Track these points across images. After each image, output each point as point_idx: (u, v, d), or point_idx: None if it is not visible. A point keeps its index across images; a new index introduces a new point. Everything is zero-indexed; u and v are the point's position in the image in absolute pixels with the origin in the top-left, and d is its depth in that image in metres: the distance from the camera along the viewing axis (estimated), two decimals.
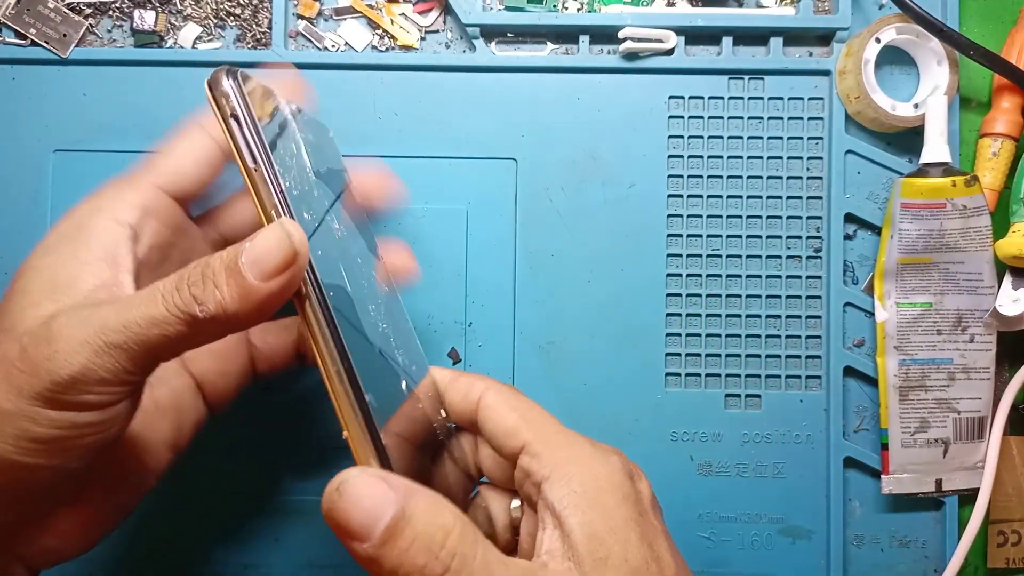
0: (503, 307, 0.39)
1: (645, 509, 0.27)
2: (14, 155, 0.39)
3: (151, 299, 0.24)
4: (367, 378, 0.26)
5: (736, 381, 0.39)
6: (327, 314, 0.25)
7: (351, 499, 0.23)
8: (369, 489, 0.24)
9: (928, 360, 0.39)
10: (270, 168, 0.26)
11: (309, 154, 0.30)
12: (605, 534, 0.26)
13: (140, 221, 0.28)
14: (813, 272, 0.40)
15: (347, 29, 0.40)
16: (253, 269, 0.24)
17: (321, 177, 0.30)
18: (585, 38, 0.40)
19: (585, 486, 0.26)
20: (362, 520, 0.23)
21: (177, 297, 0.24)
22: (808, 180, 0.40)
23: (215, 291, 0.24)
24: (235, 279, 0.24)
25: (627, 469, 0.28)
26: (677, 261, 0.40)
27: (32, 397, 0.23)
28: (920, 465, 0.39)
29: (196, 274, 0.24)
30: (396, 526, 0.23)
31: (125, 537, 0.39)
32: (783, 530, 0.39)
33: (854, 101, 0.39)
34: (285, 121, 0.29)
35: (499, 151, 0.40)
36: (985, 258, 0.38)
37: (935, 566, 0.39)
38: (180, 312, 0.24)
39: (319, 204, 0.29)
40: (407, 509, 0.23)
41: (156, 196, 0.29)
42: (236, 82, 0.26)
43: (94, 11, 0.40)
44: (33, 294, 0.26)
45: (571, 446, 0.28)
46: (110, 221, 0.28)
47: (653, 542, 0.27)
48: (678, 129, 0.40)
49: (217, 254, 0.25)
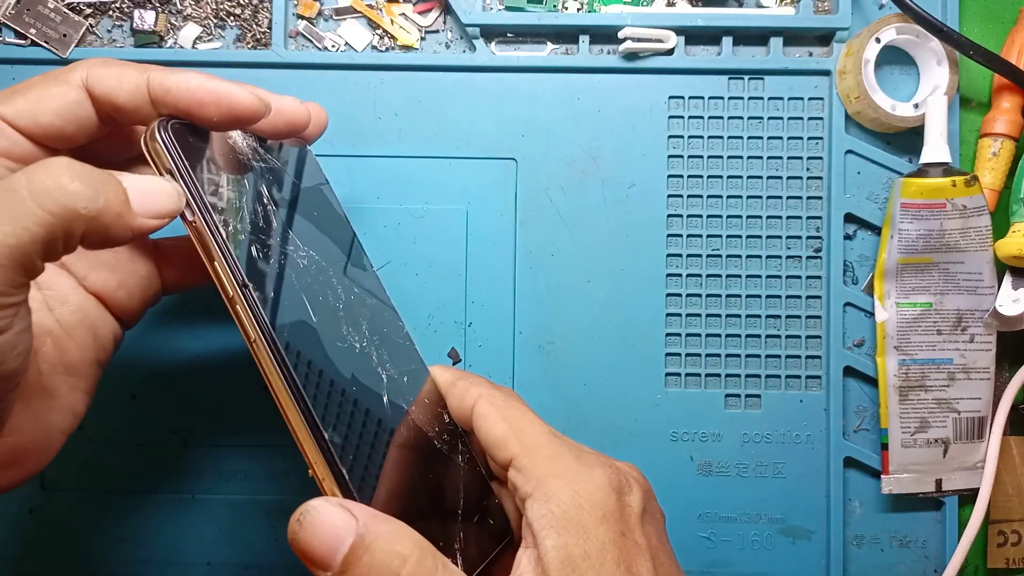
0: (503, 307, 0.39)
1: (629, 527, 0.27)
2: None
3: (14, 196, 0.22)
4: (329, 414, 0.27)
5: (736, 381, 0.39)
6: (280, 361, 0.27)
7: (311, 529, 0.24)
8: (329, 518, 0.25)
9: (928, 360, 0.39)
10: (208, 217, 0.27)
11: (275, 184, 0.30)
12: (579, 559, 0.25)
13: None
14: (813, 272, 0.40)
15: (347, 29, 0.40)
16: (137, 199, 0.24)
17: (286, 205, 0.30)
18: (585, 38, 0.40)
19: (564, 506, 0.26)
20: (322, 550, 0.24)
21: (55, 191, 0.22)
22: (808, 180, 0.40)
23: (99, 196, 0.23)
24: (117, 190, 0.24)
25: (614, 483, 0.27)
26: (677, 261, 0.40)
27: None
28: (920, 465, 0.39)
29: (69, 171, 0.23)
30: (354, 554, 0.24)
31: (125, 537, 0.39)
32: (783, 530, 0.39)
33: (854, 101, 0.39)
34: (240, 159, 0.29)
35: (499, 151, 0.40)
36: (985, 258, 0.38)
37: (935, 566, 0.39)
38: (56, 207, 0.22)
39: (278, 237, 0.29)
40: (366, 537, 0.24)
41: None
42: (169, 136, 0.27)
43: (94, 11, 0.40)
44: None
45: (555, 460, 0.27)
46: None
47: (632, 564, 0.26)
48: (678, 129, 0.40)
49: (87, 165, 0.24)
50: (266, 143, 0.31)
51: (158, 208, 0.25)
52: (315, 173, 0.33)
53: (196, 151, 0.28)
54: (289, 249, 0.29)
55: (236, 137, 0.30)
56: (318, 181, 0.33)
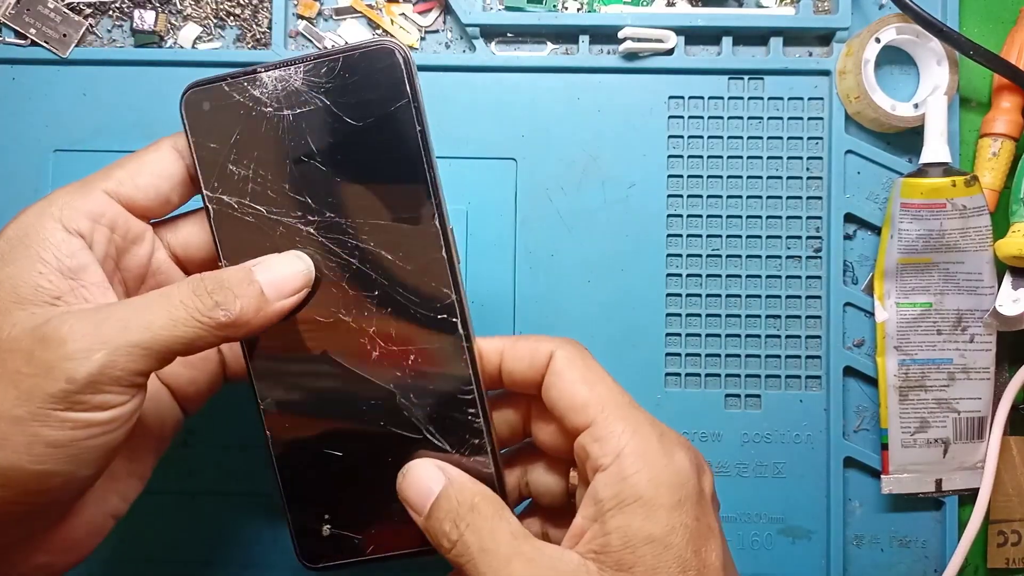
0: (503, 307, 0.39)
1: (705, 511, 0.27)
2: (14, 155, 0.39)
3: (168, 302, 0.26)
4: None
5: (736, 381, 0.39)
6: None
7: (411, 480, 0.29)
8: (424, 471, 0.29)
9: (928, 360, 0.39)
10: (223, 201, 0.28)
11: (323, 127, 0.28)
12: (640, 543, 0.25)
13: (90, 230, 0.27)
14: (813, 272, 0.40)
15: (347, 29, 0.40)
16: (269, 288, 0.27)
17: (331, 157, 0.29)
18: (585, 38, 0.40)
19: (638, 488, 0.26)
20: (416, 497, 0.28)
21: (199, 302, 0.26)
22: (808, 180, 0.40)
23: (236, 300, 0.26)
24: (252, 290, 0.27)
25: (695, 466, 0.27)
26: (677, 261, 0.40)
27: (44, 399, 0.23)
28: (920, 465, 0.39)
29: (212, 283, 0.26)
30: (438, 502, 0.28)
31: (125, 538, 0.39)
32: (783, 530, 0.39)
33: (854, 101, 0.39)
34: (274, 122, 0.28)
35: (499, 151, 0.40)
36: (985, 258, 0.38)
37: (935, 566, 0.39)
38: (201, 316, 0.26)
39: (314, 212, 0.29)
40: (447, 489, 0.28)
41: (106, 204, 0.28)
42: (182, 111, 0.28)
43: (94, 11, 0.40)
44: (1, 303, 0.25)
45: (637, 436, 0.27)
46: (59, 230, 0.27)
47: (702, 547, 0.26)
48: (678, 129, 0.40)
49: (226, 269, 0.27)
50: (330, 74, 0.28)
51: (290, 287, 0.28)
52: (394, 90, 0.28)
53: (217, 118, 0.28)
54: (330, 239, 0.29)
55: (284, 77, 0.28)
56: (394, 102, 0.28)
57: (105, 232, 0.28)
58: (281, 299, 0.27)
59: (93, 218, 0.27)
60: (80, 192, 0.28)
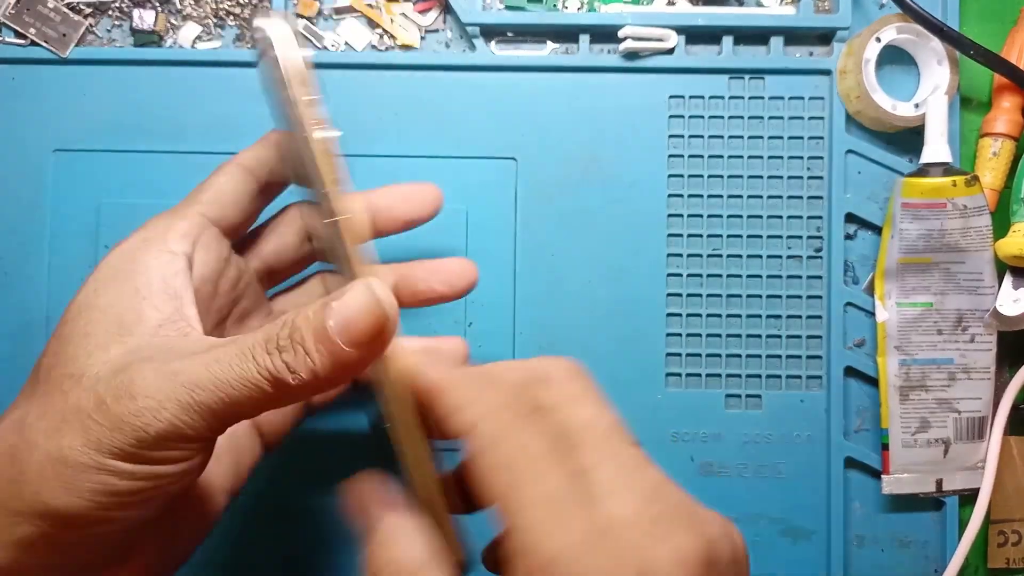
0: (503, 307, 0.39)
1: None
2: (14, 155, 0.39)
3: (242, 358, 0.23)
4: None
5: (736, 381, 0.39)
6: None
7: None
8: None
9: (928, 360, 0.39)
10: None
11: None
12: None
13: (192, 250, 0.28)
14: (814, 272, 0.40)
15: (347, 28, 0.40)
16: (343, 335, 0.23)
17: None
18: (585, 37, 0.40)
19: None
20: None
21: (269, 361, 0.23)
22: (808, 180, 0.40)
23: (306, 358, 0.23)
24: (325, 345, 0.23)
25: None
26: (677, 261, 0.40)
27: (112, 452, 0.23)
28: (921, 465, 0.39)
29: (284, 337, 0.23)
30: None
31: None
32: (784, 530, 0.39)
33: (855, 101, 0.39)
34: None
35: (499, 151, 0.40)
36: (985, 258, 0.38)
37: (935, 566, 0.39)
38: (271, 376, 0.23)
39: None
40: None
41: (203, 225, 0.28)
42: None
43: (94, 11, 0.40)
44: (98, 336, 0.25)
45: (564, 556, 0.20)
46: (164, 252, 0.27)
47: None
48: (678, 128, 0.40)
49: (301, 313, 0.24)
50: None
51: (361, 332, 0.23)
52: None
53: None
54: None
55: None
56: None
57: (203, 253, 0.28)
58: (355, 347, 0.23)
59: (193, 239, 0.28)
60: (177, 215, 0.28)
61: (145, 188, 0.39)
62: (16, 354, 0.38)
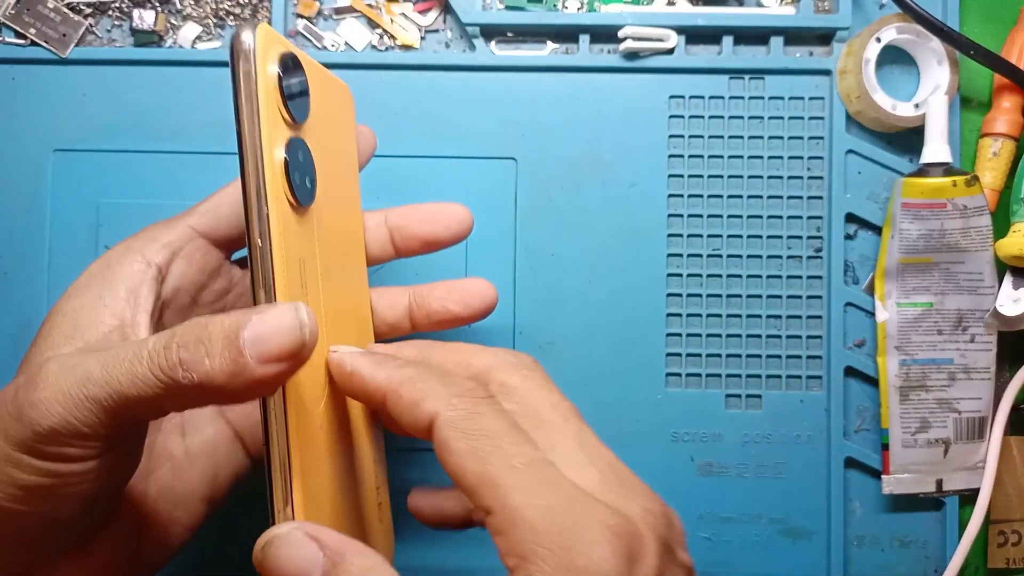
0: (503, 307, 0.39)
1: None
2: (14, 155, 0.39)
3: (136, 353, 0.22)
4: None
5: (737, 381, 0.39)
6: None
7: (275, 561, 0.22)
8: (297, 551, 0.22)
9: (929, 360, 0.39)
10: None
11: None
12: None
13: (168, 261, 0.28)
14: (814, 272, 0.40)
15: (347, 28, 0.40)
16: (253, 348, 0.22)
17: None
18: (585, 37, 0.40)
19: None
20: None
21: (163, 357, 0.22)
22: (809, 180, 0.40)
23: (205, 359, 0.22)
24: (230, 352, 0.22)
25: (622, 551, 0.22)
26: (677, 261, 0.40)
27: (16, 444, 0.23)
28: (921, 465, 0.39)
29: (190, 335, 0.22)
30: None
31: None
32: (784, 530, 0.39)
33: (855, 101, 0.39)
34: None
35: (499, 151, 0.40)
36: (985, 258, 0.38)
37: (935, 566, 0.39)
38: (162, 374, 0.22)
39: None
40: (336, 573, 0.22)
41: (189, 237, 0.29)
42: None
43: (94, 11, 0.40)
44: (55, 338, 0.26)
45: (543, 524, 0.22)
46: (137, 262, 0.27)
47: None
48: (678, 129, 0.40)
49: (219, 317, 0.22)
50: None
51: (272, 351, 0.22)
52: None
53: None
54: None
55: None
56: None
57: (183, 264, 0.28)
58: (262, 364, 0.22)
59: (173, 250, 0.28)
60: (165, 226, 0.29)
61: (145, 188, 0.39)
62: (16, 354, 0.38)
